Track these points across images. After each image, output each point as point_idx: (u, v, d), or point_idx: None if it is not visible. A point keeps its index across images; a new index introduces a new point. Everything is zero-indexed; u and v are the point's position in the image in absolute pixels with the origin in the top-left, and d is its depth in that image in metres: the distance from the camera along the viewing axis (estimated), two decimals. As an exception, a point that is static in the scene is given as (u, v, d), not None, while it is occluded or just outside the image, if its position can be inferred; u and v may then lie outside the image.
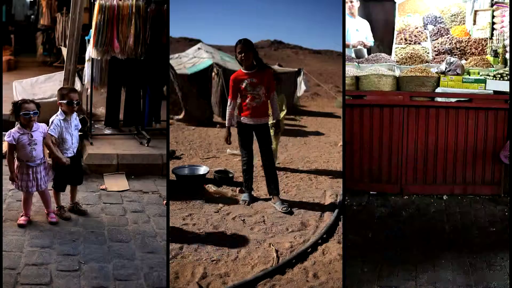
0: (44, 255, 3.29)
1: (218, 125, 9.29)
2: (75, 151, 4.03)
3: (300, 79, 11.94)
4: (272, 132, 4.85)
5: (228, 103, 4.39)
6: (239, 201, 4.46)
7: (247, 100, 4.27)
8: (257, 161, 4.84)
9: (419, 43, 5.81)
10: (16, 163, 3.73)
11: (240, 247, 3.45)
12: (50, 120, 3.89)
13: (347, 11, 6.03)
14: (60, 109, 3.92)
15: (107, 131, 6.02)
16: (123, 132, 6.11)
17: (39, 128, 3.76)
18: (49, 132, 3.83)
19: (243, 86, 4.24)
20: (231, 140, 4.47)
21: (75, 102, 3.91)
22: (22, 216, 3.80)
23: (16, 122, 3.73)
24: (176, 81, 9.12)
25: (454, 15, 6.03)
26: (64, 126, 3.89)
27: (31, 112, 3.65)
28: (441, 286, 3.05)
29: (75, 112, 4.00)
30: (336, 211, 4.14)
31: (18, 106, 3.67)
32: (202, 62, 11.06)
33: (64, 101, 3.87)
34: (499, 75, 4.67)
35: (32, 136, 3.69)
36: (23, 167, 3.72)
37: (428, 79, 4.72)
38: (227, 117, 4.42)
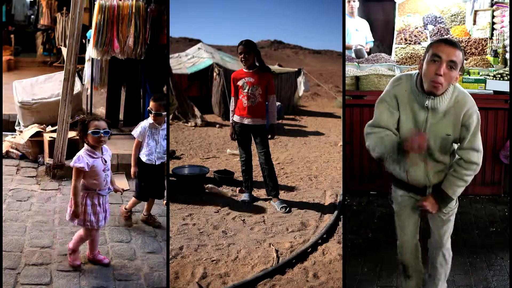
0: (44, 255, 3.28)
1: (218, 125, 9.31)
2: (157, 161, 3.84)
3: (300, 79, 11.95)
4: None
5: (231, 100, 4.44)
6: (239, 201, 4.46)
7: (242, 99, 4.29)
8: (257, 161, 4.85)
9: (419, 43, 5.81)
10: (81, 193, 3.10)
11: (240, 247, 3.45)
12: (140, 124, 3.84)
13: (347, 11, 6.03)
14: (151, 117, 3.77)
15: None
16: (123, 132, 6.11)
17: (108, 151, 3.24)
18: (133, 133, 3.81)
19: (240, 84, 4.27)
20: (235, 136, 4.47)
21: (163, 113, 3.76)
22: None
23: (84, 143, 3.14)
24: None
25: (454, 15, 6.03)
26: (151, 131, 3.78)
27: (102, 131, 3.05)
28: (441, 286, 3.05)
29: (164, 124, 3.82)
30: (336, 211, 4.15)
31: (86, 123, 3.08)
32: (202, 62, 11.08)
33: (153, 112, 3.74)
34: (499, 75, 4.67)
35: (105, 162, 3.14)
36: (93, 198, 3.13)
37: (428, 79, 4.71)
38: (230, 114, 4.47)
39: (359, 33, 6.14)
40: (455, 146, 2.43)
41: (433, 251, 2.69)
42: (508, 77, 4.63)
